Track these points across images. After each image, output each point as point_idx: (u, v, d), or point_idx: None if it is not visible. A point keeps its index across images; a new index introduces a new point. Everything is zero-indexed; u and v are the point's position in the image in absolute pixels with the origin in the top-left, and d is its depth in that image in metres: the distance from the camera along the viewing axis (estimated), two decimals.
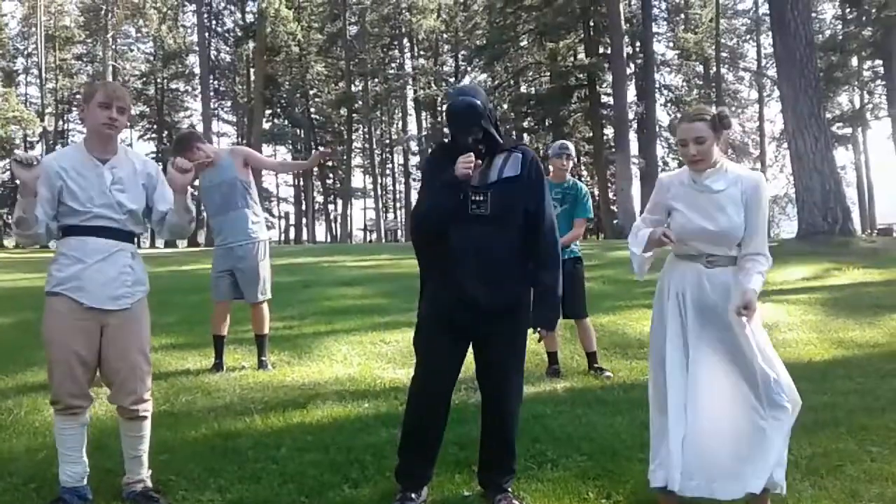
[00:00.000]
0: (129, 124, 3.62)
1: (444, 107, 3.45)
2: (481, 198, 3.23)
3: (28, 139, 45.54)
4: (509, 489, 3.38)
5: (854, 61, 39.34)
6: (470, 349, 3.41)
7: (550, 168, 6.24)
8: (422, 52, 51.34)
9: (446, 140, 3.54)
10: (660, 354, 3.18)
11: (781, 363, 3.15)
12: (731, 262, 3.16)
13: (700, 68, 44.61)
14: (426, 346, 3.37)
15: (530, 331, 3.39)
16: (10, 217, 45.59)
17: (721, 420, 3.05)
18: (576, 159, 6.75)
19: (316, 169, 52.33)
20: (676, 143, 3.32)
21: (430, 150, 3.66)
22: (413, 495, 3.30)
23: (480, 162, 3.25)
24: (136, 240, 3.50)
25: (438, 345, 3.32)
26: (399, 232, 52.24)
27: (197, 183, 5.96)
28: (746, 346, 3.06)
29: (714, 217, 3.12)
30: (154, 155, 44.51)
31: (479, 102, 3.25)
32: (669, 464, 3.04)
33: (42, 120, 42.87)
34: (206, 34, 44.38)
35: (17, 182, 3.14)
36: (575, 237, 6.02)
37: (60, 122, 49.77)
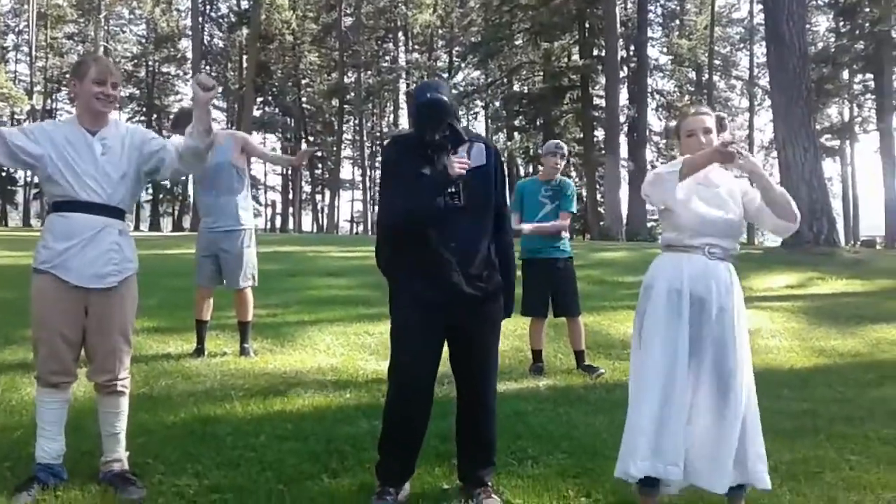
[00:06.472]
0: (118, 105, 3.59)
1: (414, 103, 3.37)
2: (454, 189, 3.23)
3: (16, 117, 45.12)
4: (489, 483, 3.37)
5: (845, 74, 39.60)
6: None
7: (542, 166, 6.24)
8: (416, 47, 51.21)
9: (404, 133, 3.52)
10: (658, 349, 3.11)
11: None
12: (728, 257, 3.20)
13: (693, 74, 44.73)
14: (415, 339, 3.28)
15: (514, 326, 3.39)
16: None
17: (717, 413, 3.08)
18: (568, 160, 6.73)
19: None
20: (681, 134, 3.31)
21: (388, 145, 3.62)
22: (392, 490, 3.26)
23: (472, 162, 3.25)
24: (124, 217, 3.44)
25: (422, 336, 3.27)
26: None
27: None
28: (740, 341, 3.12)
29: (725, 207, 3.18)
30: None
31: (447, 99, 3.26)
32: (668, 455, 3.02)
33: (30, 98, 42.50)
34: (200, 19, 44.04)
35: None
36: (561, 227, 6.00)
37: (49, 101, 49.33)
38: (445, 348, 3.37)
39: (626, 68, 39.43)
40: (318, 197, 56.05)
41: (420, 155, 3.26)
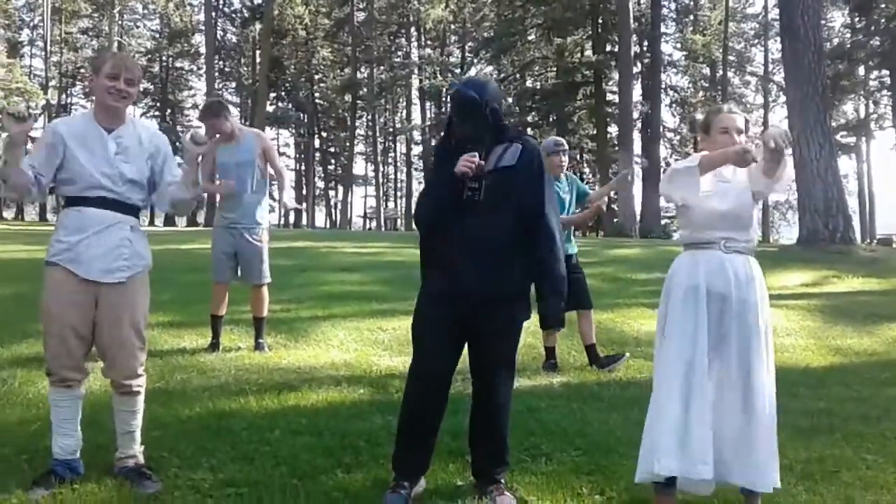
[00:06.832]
0: (134, 100, 3.63)
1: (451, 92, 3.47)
2: (476, 185, 3.23)
3: (31, 111, 45.38)
4: (502, 480, 3.36)
5: (861, 70, 39.32)
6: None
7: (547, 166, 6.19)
8: (429, 42, 51.17)
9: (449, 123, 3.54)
10: (676, 347, 3.11)
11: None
12: (748, 251, 3.19)
13: (707, 70, 44.52)
14: (428, 333, 3.32)
15: (528, 324, 3.37)
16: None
17: (746, 410, 3.08)
18: (578, 156, 6.75)
19: (318, 155, 52.49)
20: (712, 129, 3.29)
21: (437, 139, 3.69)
22: (406, 484, 3.26)
23: (483, 162, 3.24)
24: (138, 214, 3.46)
25: (440, 332, 3.29)
26: (399, 221, 52.20)
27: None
28: (765, 332, 3.13)
29: (737, 200, 3.19)
30: None
31: (478, 98, 3.22)
32: (696, 454, 3.00)
33: (45, 92, 42.75)
34: (213, 14, 44.22)
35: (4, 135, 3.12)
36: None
37: (64, 96, 49.61)
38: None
39: (639, 64, 39.24)
40: (332, 193, 56.21)
41: (453, 148, 3.29)
